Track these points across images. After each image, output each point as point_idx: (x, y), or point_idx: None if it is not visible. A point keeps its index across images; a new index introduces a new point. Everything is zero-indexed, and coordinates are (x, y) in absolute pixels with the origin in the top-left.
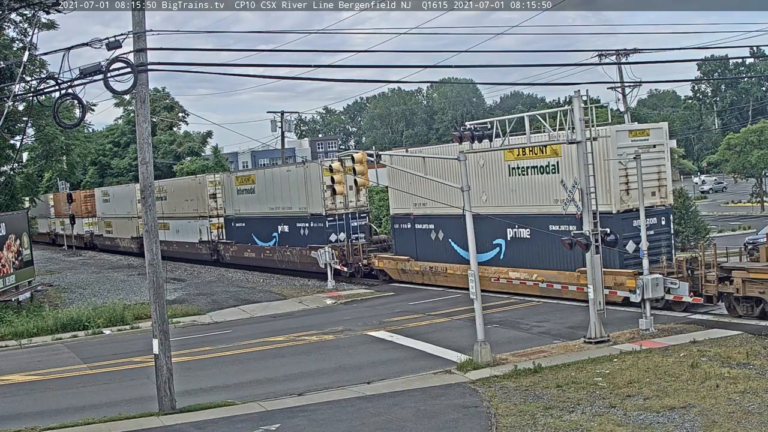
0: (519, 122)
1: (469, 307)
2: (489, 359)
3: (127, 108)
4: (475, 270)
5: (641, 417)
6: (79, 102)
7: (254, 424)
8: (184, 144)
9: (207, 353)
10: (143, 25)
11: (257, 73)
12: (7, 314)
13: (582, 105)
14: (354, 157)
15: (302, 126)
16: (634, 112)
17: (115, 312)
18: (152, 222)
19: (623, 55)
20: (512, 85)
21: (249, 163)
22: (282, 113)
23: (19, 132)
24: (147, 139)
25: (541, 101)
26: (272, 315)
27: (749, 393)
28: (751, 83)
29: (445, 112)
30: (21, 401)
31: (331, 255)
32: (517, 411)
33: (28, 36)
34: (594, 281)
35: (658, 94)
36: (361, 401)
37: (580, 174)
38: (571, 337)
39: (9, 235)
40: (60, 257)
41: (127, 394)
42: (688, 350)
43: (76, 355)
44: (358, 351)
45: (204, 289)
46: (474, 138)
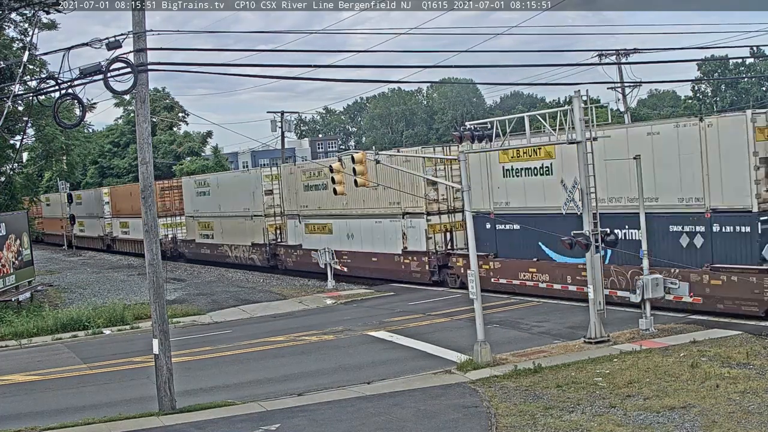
0: (519, 122)
1: (469, 307)
2: (489, 359)
3: (127, 108)
4: (475, 270)
5: (641, 417)
6: (79, 102)
7: (254, 424)
8: (184, 144)
9: (207, 353)
10: (143, 25)
11: (257, 73)
12: (7, 314)
13: (582, 105)
14: (354, 157)
15: (302, 126)
16: (634, 112)
17: (115, 312)
18: (152, 222)
19: (623, 55)
20: (512, 85)
21: (249, 163)
22: (282, 113)
23: (19, 132)
24: (147, 139)
25: (541, 101)
26: (272, 315)
27: (749, 393)
28: (751, 83)
29: (445, 112)
30: (21, 401)
31: (331, 255)
32: (517, 411)
33: (28, 36)
34: (594, 281)
35: (658, 94)
36: (361, 401)
37: (580, 174)
38: (571, 337)
39: (9, 235)
40: (60, 257)
41: (127, 394)
42: (688, 350)
43: (76, 355)
44: (358, 351)
45: (204, 289)
46: (474, 138)
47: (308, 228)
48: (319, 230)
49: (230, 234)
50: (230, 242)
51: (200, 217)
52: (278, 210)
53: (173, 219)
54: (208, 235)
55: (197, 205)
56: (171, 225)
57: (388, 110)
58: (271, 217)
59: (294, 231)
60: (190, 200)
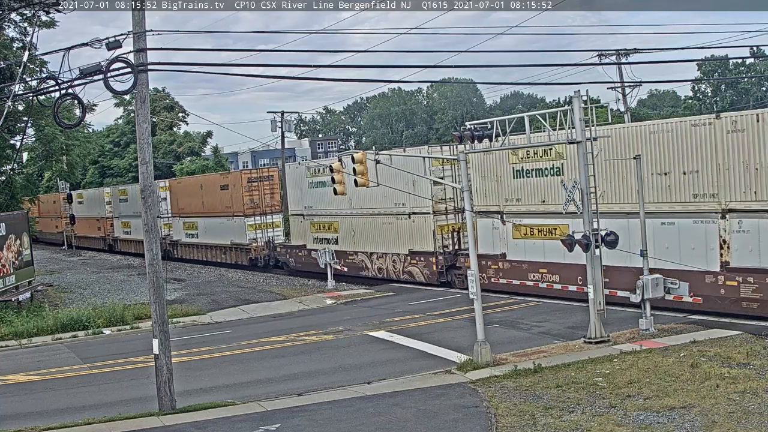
0: (519, 122)
1: (469, 307)
2: (489, 359)
3: (127, 108)
4: (475, 270)
5: (641, 417)
6: (79, 102)
7: (254, 424)
8: (184, 144)
9: (207, 353)
10: (143, 25)
11: (257, 73)
12: (7, 314)
13: (582, 105)
14: (354, 157)
15: (302, 126)
16: (634, 112)
17: (115, 312)
18: (152, 222)
19: (623, 55)
20: (512, 85)
21: (249, 163)
22: (282, 113)
23: (19, 132)
24: (147, 139)
25: (541, 101)
26: (272, 315)
27: (749, 393)
28: (751, 83)
29: (445, 112)
30: (21, 401)
31: (331, 255)
32: (517, 411)
33: (28, 36)
34: (594, 281)
35: (658, 94)
36: (362, 401)
37: (581, 174)
38: (571, 337)
39: (9, 236)
40: (60, 257)
41: (127, 394)
42: (688, 350)
43: (76, 355)
44: (358, 351)
45: (204, 289)
46: (474, 138)
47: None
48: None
49: (369, 238)
50: (372, 249)
51: (315, 215)
52: (450, 206)
53: (263, 218)
54: (328, 239)
55: (310, 200)
56: (261, 226)
57: (388, 110)
58: (442, 214)
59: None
60: (298, 193)
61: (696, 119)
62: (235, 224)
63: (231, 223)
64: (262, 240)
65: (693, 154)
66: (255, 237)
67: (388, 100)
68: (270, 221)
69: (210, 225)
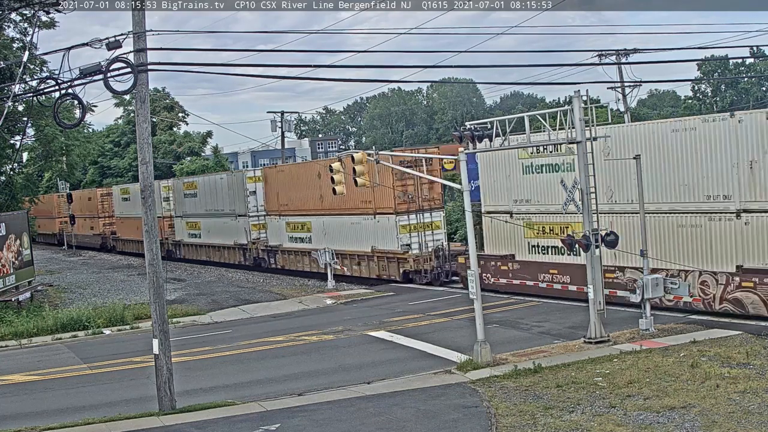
0: (519, 122)
1: (469, 307)
2: (489, 359)
3: (127, 108)
4: (474, 270)
5: (641, 417)
6: (79, 102)
7: (254, 424)
8: (184, 144)
9: (207, 353)
10: (143, 25)
11: (257, 73)
12: (7, 314)
13: (582, 105)
14: (354, 157)
15: (302, 126)
16: (634, 112)
17: (115, 312)
18: (152, 222)
19: (623, 55)
20: (512, 85)
21: (249, 163)
22: (282, 113)
23: (19, 132)
24: (147, 139)
25: (541, 101)
26: (272, 315)
27: (749, 393)
28: (751, 83)
29: (445, 112)
30: (21, 401)
31: (331, 255)
32: (517, 411)
33: (28, 36)
34: (594, 281)
35: (658, 94)
36: (362, 401)
37: (581, 174)
38: (571, 337)
39: (9, 236)
40: (60, 257)
41: (127, 394)
42: (688, 350)
43: (76, 355)
44: (358, 351)
45: (204, 289)
46: (474, 138)
47: None
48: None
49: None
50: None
51: (525, 214)
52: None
53: (420, 216)
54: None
55: (524, 192)
56: (418, 227)
57: (388, 110)
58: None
59: None
60: (507, 182)
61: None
62: (378, 224)
63: (372, 223)
64: (424, 247)
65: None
66: (408, 242)
67: (388, 100)
68: (428, 221)
69: (330, 225)
